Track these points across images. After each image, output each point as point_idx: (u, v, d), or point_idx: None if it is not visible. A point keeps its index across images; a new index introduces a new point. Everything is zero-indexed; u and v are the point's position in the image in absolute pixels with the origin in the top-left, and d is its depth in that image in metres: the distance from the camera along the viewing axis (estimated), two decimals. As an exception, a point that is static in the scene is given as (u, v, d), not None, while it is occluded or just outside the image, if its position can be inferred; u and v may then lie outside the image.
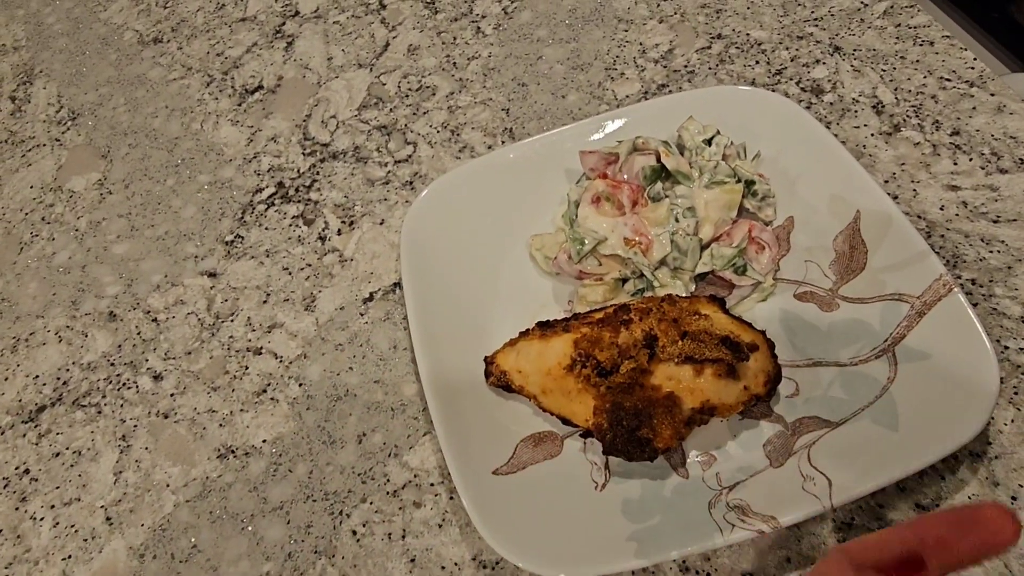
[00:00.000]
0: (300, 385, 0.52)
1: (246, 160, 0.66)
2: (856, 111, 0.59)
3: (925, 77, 0.60)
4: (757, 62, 0.64)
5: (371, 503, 0.47)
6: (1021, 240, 0.50)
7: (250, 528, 0.47)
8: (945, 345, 0.44)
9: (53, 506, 0.50)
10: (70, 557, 0.48)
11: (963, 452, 0.43)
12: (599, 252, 0.50)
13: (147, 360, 0.56)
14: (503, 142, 0.63)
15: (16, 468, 0.52)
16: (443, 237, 0.54)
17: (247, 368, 0.54)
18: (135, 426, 0.53)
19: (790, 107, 0.55)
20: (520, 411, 0.48)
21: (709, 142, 0.53)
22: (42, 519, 0.50)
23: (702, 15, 0.68)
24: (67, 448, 0.52)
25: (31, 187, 0.68)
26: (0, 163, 0.71)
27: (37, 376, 0.56)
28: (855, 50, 0.63)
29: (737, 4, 0.68)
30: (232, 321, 0.56)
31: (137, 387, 0.54)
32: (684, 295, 0.49)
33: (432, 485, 0.47)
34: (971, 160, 0.55)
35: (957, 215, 0.52)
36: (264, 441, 0.50)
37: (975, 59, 0.60)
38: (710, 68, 0.64)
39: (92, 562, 0.47)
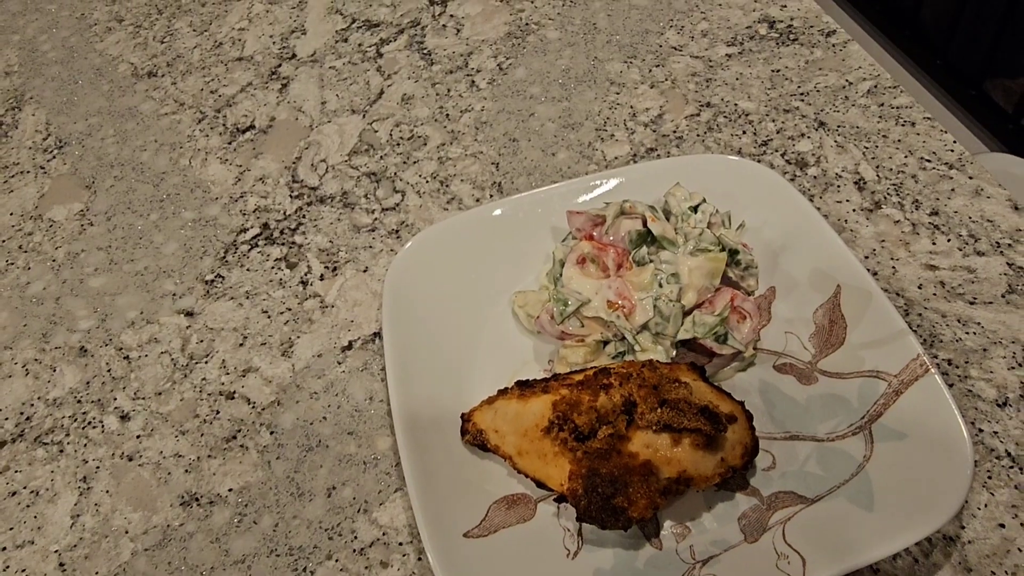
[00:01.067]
0: (271, 433, 0.51)
1: (232, 199, 0.66)
2: (839, 186, 0.60)
3: (906, 157, 0.61)
4: (744, 132, 0.65)
5: (337, 560, 0.45)
6: (997, 323, 0.51)
7: (209, 581, 0.45)
8: (921, 425, 0.44)
9: (4, 547, 0.48)
10: (17, 604, 0.46)
11: (936, 535, 0.43)
12: (582, 314, 0.50)
13: (115, 399, 0.54)
14: (491, 196, 0.63)
15: (-32, 506, 0.50)
16: (426, 289, 0.54)
17: (218, 412, 0.53)
18: (97, 467, 0.51)
19: (775, 179, 0.56)
20: (494, 471, 0.47)
21: (695, 209, 0.53)
22: (-9, 562, 0.48)
23: (692, 83, 0.70)
24: (24, 487, 0.51)
25: (11, 214, 0.68)
26: (-19, 188, 0.70)
27: (0, 409, 0.55)
28: (839, 126, 0.64)
29: (726, 75, 0.70)
30: (206, 363, 0.55)
31: (103, 426, 0.53)
32: (664, 361, 0.49)
33: (401, 544, 0.46)
34: (949, 241, 0.56)
35: (935, 295, 0.53)
36: (230, 490, 0.49)
37: (955, 141, 0.62)
38: (698, 135, 0.65)
39: (40, 611, 0.45)
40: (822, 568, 0.40)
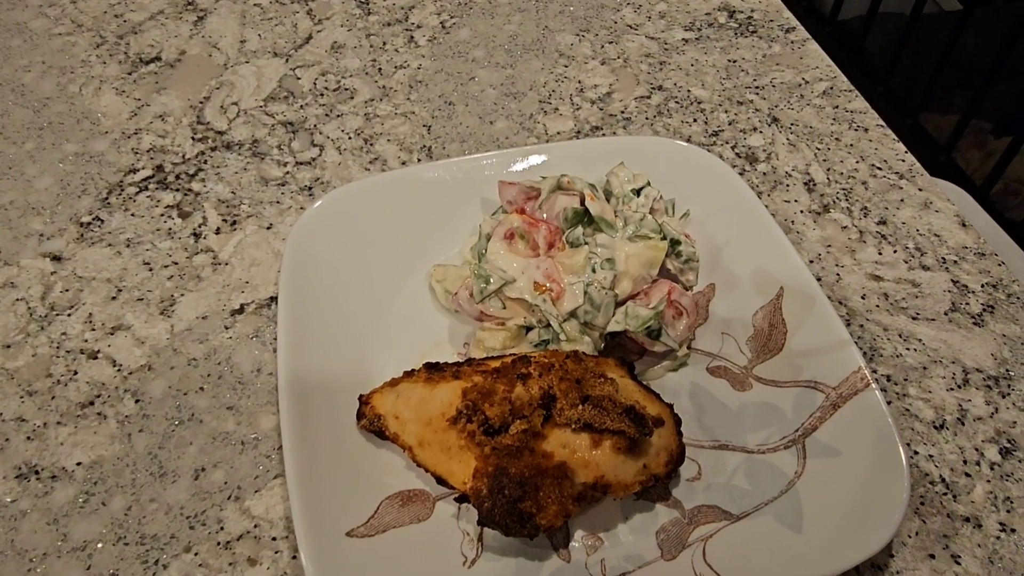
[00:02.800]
0: (137, 401, 0.44)
1: (125, 135, 0.58)
2: (788, 185, 0.57)
3: (857, 162, 0.59)
4: (695, 120, 0.61)
5: (196, 553, 0.39)
6: (938, 341, 0.48)
7: (39, 571, 0.38)
8: (857, 443, 0.41)
9: None
10: None
11: (864, 563, 0.40)
12: (504, 294, 0.45)
13: (-47, 349, 0.46)
14: (419, 160, 0.57)
15: None
16: (335, 252, 0.48)
17: (76, 373, 0.45)
18: (-82, 427, 0.43)
19: (725, 170, 0.52)
20: (391, 463, 0.42)
21: (638, 192, 0.49)
22: None
23: (645, 64, 0.66)
24: None
25: None
26: None
27: None
28: (792, 124, 0.61)
29: (681, 59, 0.66)
30: (69, 315, 0.48)
31: (-68, 380, 0.45)
32: (591, 354, 0.45)
33: (274, 540, 0.40)
34: (895, 252, 0.53)
35: (878, 306, 0.50)
36: (79, 464, 0.42)
37: (906, 152, 0.60)
38: (647, 118, 0.61)
39: None
40: (743, 593, 0.36)
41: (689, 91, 0.64)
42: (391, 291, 0.48)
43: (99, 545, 0.39)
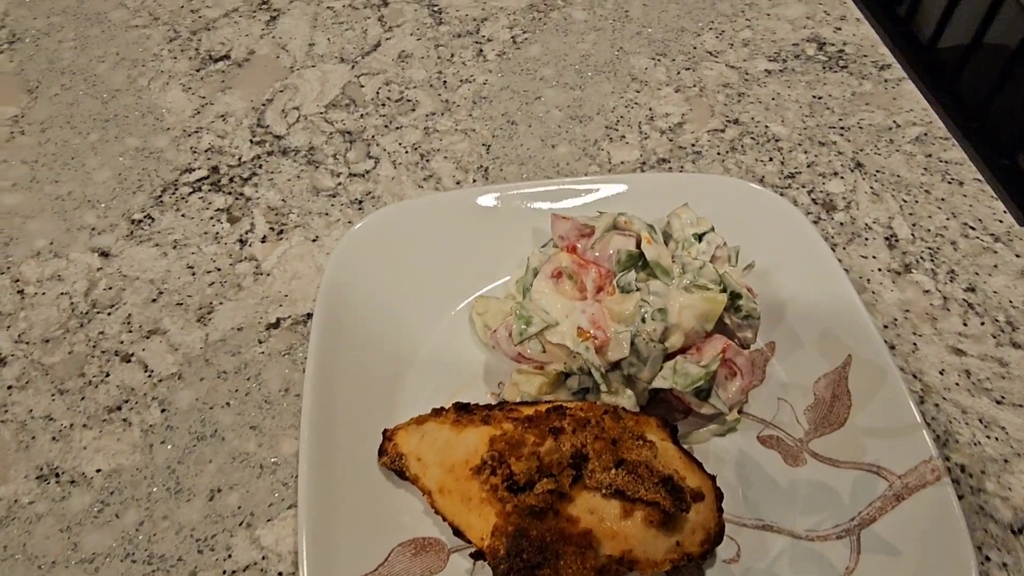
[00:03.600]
0: (163, 411, 0.44)
1: (185, 133, 0.58)
2: (867, 239, 0.52)
3: (948, 219, 0.54)
4: (771, 159, 0.57)
5: (201, 580, 0.38)
6: (1024, 431, 0.43)
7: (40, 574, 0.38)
8: (921, 543, 0.37)
9: None
10: None
11: None
12: (545, 337, 0.42)
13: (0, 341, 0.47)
14: (474, 180, 0.55)
15: None
16: (376, 275, 0.46)
17: (107, 376, 0.45)
18: (-47, 415, 0.43)
19: (798, 218, 0.48)
20: (409, 505, 0.40)
21: (700, 238, 0.45)
22: None
23: (722, 94, 0.62)
24: None
25: (-65, 106, 0.59)
26: (-90, 71, 0.62)
27: None
28: (878, 171, 0.57)
29: (762, 92, 0.62)
30: (109, 315, 0.48)
31: (-28, 368, 0.45)
32: (632, 409, 0.42)
33: (280, 575, 0.38)
34: (983, 324, 0.48)
35: (957, 384, 0.45)
36: (98, 471, 0.41)
37: (1005, 211, 0.54)
38: (719, 153, 0.58)
39: None
40: None
41: (767, 127, 0.60)
42: (430, 320, 0.47)
43: (107, 559, 0.38)
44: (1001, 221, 0.54)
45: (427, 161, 0.56)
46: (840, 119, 0.60)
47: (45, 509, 0.40)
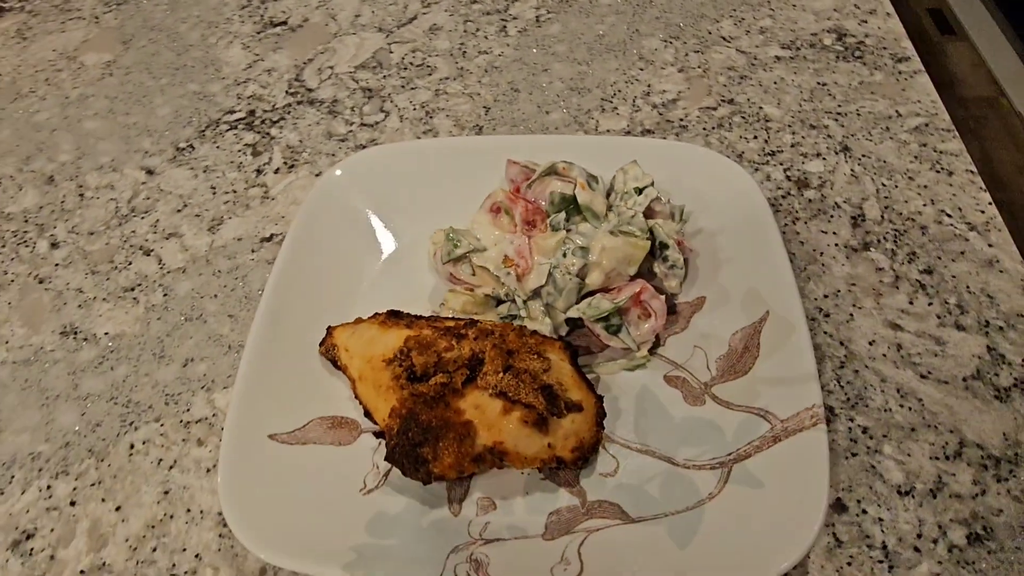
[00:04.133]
0: (164, 295, 0.52)
1: (236, 83, 0.67)
2: (832, 216, 0.53)
3: (925, 205, 0.53)
4: (755, 137, 0.59)
5: (162, 424, 0.46)
6: (941, 405, 0.43)
7: (49, 407, 0.47)
8: (783, 480, 0.39)
9: (-94, 326, 0.52)
10: None
11: (754, 602, 0.37)
12: (473, 260, 0.47)
13: (55, 227, 0.57)
14: (466, 135, 0.61)
15: (-101, 282, 0.55)
16: (354, 202, 0.53)
17: (130, 264, 0.54)
18: (12, 280, 0.54)
19: (750, 188, 0.50)
20: (336, 391, 0.46)
21: (640, 191, 0.49)
22: None
23: (724, 76, 0.64)
24: (-53, 280, 0.54)
25: (53, 50, 0.72)
26: (42, 24, 0.76)
27: (-38, 210, 0.59)
28: (864, 156, 0.57)
29: (765, 76, 0.64)
30: (142, 219, 0.57)
31: (34, 248, 0.56)
32: (544, 334, 0.46)
33: (222, 430, 0.45)
34: (931, 305, 0.48)
35: (884, 355, 0.46)
36: (106, 334, 0.50)
37: (990, 203, 0.53)
38: (704, 129, 0.60)
39: (-93, 387, 0.49)
40: (592, 585, 0.35)
41: (761, 108, 0.61)
42: (393, 247, 0.52)
43: (97, 399, 0.47)
44: (983, 211, 0.53)
45: (430, 118, 0.63)
46: (839, 105, 0.61)
47: (61, 356, 0.49)
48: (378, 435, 0.43)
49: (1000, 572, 0.37)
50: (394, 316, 0.46)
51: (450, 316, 0.48)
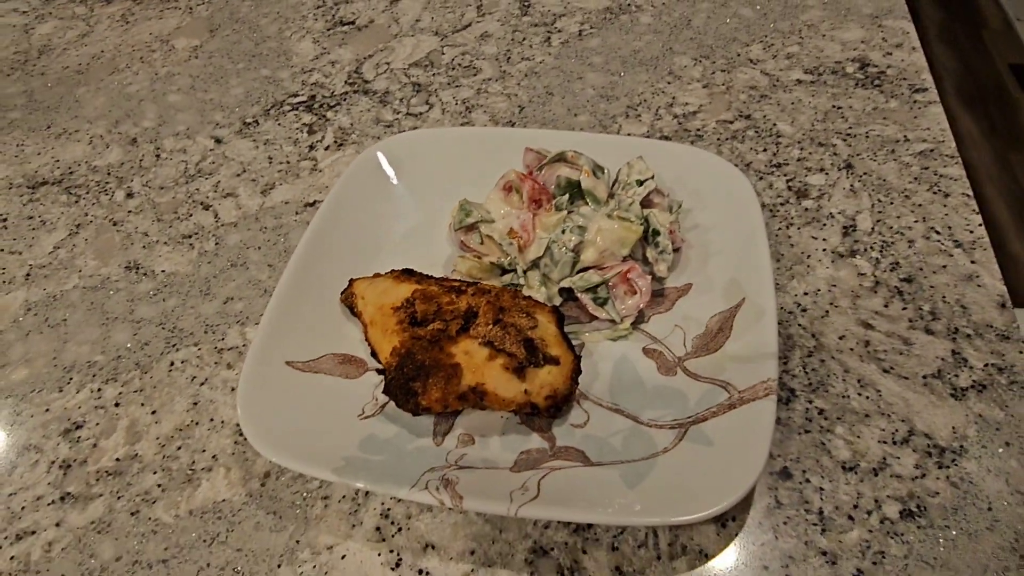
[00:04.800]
0: (217, 244, 0.60)
1: (303, 71, 0.76)
2: (824, 224, 0.57)
3: (917, 222, 0.56)
4: (765, 150, 0.63)
5: (199, 348, 0.52)
6: (898, 397, 0.46)
7: (108, 326, 0.54)
8: (732, 440, 0.42)
9: (2, 249, 0.61)
10: (-14, 288, 0.58)
11: (694, 544, 0.41)
12: (482, 230, 0.52)
13: (132, 180, 0.66)
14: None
15: None
16: (390, 176, 0.59)
17: (191, 215, 0.62)
18: (91, 221, 0.62)
19: (748, 192, 0.54)
20: (351, 333, 0.52)
21: (641, 183, 0.53)
22: (-10, 256, 0.61)
23: (745, 94, 0.68)
24: (39, 216, 0.63)
25: (150, 34, 0.82)
26: (143, 11, 0.86)
27: (59, 160, 0.68)
28: (865, 173, 0.60)
29: (784, 97, 0.68)
30: (206, 179, 0.65)
31: (112, 196, 0.64)
32: (537, 300, 0.51)
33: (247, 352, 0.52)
34: (904, 309, 0.51)
35: (852, 349, 0.49)
36: (163, 271, 0.58)
37: (980, 224, 0.56)
38: (718, 139, 0.64)
39: (-3, 299, 0.57)
40: (542, 508, 0.40)
41: (775, 124, 0.65)
42: (417, 219, 0.58)
43: (148, 324, 0.54)
44: (971, 231, 0.55)
45: (469, 112, 0.69)
46: (850, 127, 0.64)
47: (123, 287, 0.57)
48: (380, 372, 0.49)
49: (926, 546, 0.40)
50: (407, 273, 0.52)
51: (457, 279, 0.53)
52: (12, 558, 0.43)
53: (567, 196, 0.52)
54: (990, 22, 2.63)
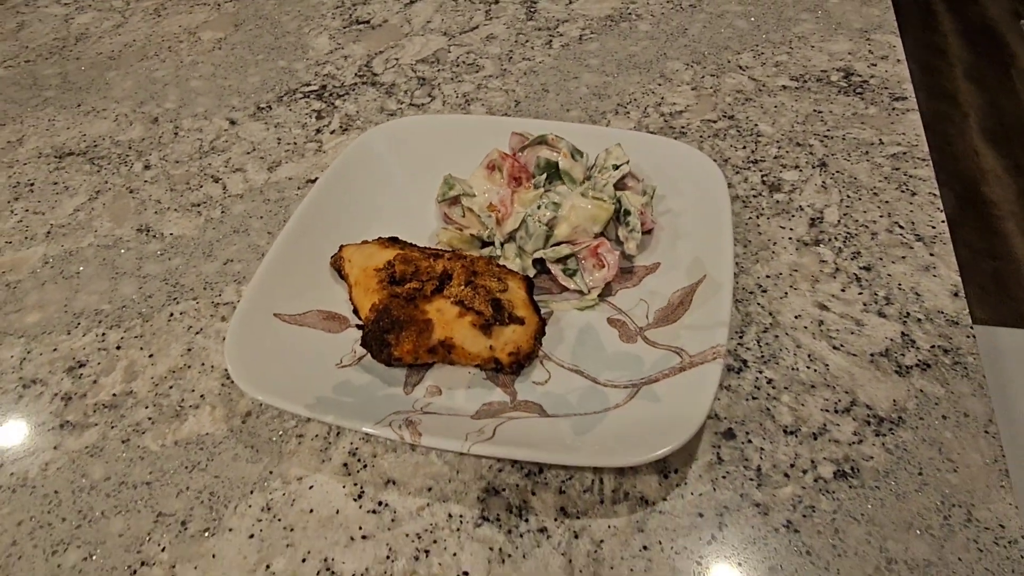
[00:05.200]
0: (223, 212, 0.64)
1: (317, 63, 0.81)
2: (793, 215, 0.60)
3: (882, 216, 0.59)
4: (744, 147, 0.66)
5: (198, 302, 0.57)
6: (844, 371, 0.49)
7: (116, 280, 0.59)
8: (677, 399, 0.45)
9: (27, 210, 0.66)
10: (8, 243, 0.63)
11: (636, 490, 0.44)
12: (463, 203, 0.56)
13: (151, 155, 0.71)
14: (492, 121, 0.71)
15: (18, 184, 0.69)
16: (386, 156, 0.63)
17: (201, 187, 0.67)
18: (109, 189, 0.67)
19: (719, 182, 0.57)
20: (337, 294, 0.56)
21: (616, 168, 0.57)
22: (13, 213, 0.65)
23: (731, 97, 0.72)
24: (63, 183, 0.68)
25: (179, 27, 0.88)
26: (175, 5, 0.92)
27: (85, 134, 0.73)
28: (837, 172, 0.63)
29: (768, 101, 0.71)
30: (218, 155, 0.70)
31: (131, 167, 0.69)
32: (510, 268, 0.54)
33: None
34: (860, 294, 0.53)
35: (806, 328, 0.52)
36: (171, 234, 0.62)
37: (943, 222, 0.58)
38: (701, 136, 0.68)
39: (18, 253, 0.62)
40: (494, 447, 0.43)
41: (756, 125, 0.68)
42: (409, 195, 0.62)
43: (152, 279, 0.59)
44: (933, 227, 0.58)
45: (468, 104, 0.73)
46: (828, 130, 0.67)
47: (134, 246, 0.62)
48: (359, 327, 0.52)
49: (856, 503, 0.42)
50: (393, 240, 0.56)
51: (438, 248, 0.57)
52: (12, 474, 0.47)
53: (545, 176, 0.56)
54: (1018, 60, 2.64)
